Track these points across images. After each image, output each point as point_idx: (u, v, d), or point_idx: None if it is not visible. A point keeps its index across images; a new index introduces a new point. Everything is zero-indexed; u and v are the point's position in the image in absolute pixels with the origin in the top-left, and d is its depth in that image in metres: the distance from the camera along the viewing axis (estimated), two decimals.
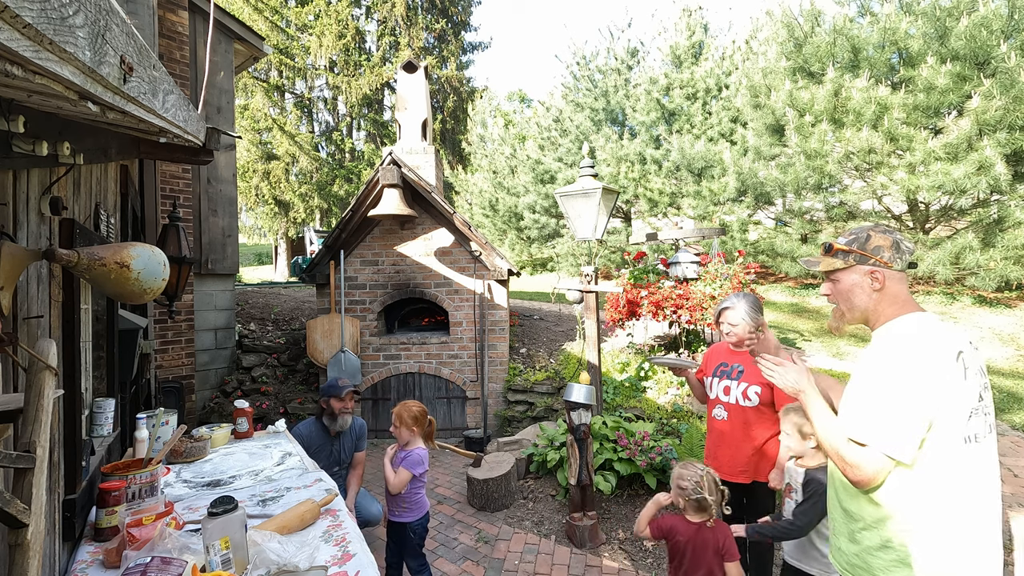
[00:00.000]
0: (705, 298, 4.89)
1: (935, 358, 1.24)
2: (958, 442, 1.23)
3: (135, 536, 1.53)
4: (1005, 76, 6.21)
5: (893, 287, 1.38)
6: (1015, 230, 6.59)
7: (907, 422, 1.23)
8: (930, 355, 1.25)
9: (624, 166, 11.66)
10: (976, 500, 1.24)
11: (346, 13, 15.85)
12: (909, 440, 1.23)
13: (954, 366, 1.23)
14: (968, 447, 1.24)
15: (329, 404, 3.04)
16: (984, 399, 1.28)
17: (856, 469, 1.28)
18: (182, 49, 4.86)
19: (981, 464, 1.25)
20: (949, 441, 1.23)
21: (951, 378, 1.22)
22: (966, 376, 1.24)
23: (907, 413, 1.23)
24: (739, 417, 2.45)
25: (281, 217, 15.64)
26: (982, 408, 1.27)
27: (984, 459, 1.25)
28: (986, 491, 1.25)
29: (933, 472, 1.24)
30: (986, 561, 1.23)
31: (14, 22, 0.46)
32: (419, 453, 2.64)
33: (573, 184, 3.80)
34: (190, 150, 1.65)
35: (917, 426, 1.22)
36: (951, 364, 1.23)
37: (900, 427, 1.23)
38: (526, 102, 31.43)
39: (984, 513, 1.24)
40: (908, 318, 1.35)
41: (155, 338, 4.64)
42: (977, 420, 1.25)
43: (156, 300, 3.63)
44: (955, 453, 1.23)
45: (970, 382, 1.25)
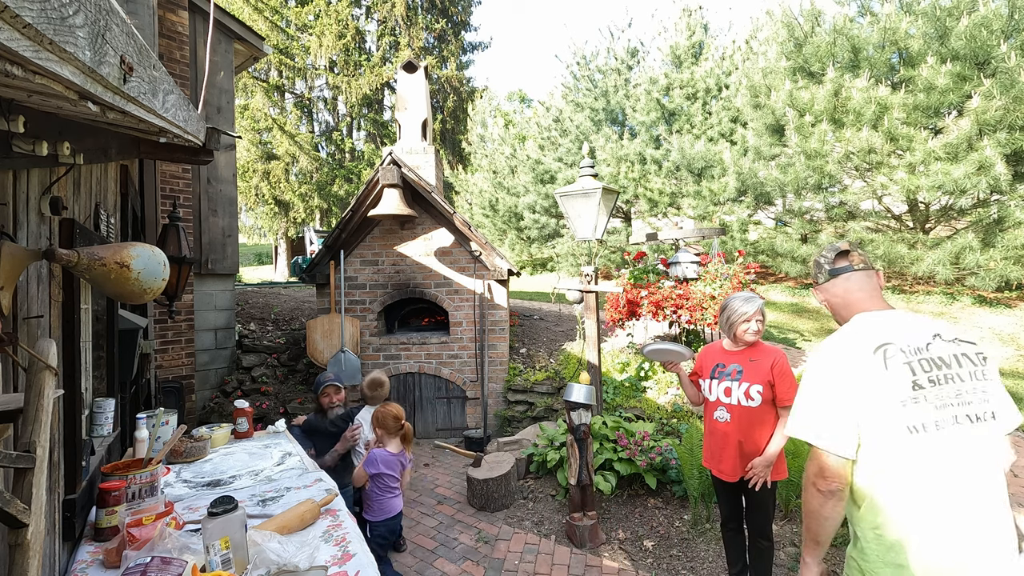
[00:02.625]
0: (705, 298, 4.89)
1: (846, 352, 1.34)
2: (900, 432, 1.25)
3: (135, 536, 1.53)
4: (1005, 76, 6.21)
5: (835, 299, 1.53)
6: (1015, 230, 6.59)
7: (819, 410, 1.33)
8: (841, 350, 1.36)
9: (624, 166, 11.67)
10: (940, 492, 1.22)
11: (346, 13, 15.85)
12: (826, 426, 1.31)
13: (870, 358, 1.30)
14: (916, 437, 1.24)
15: (318, 401, 3.27)
16: (929, 389, 1.26)
17: (807, 469, 1.38)
18: (182, 49, 4.86)
19: (942, 455, 1.23)
20: (887, 432, 1.26)
21: (866, 369, 1.29)
22: (887, 366, 1.28)
23: (818, 402, 1.34)
24: (743, 418, 2.44)
25: (281, 217, 15.64)
26: (927, 397, 1.25)
27: (947, 450, 1.23)
28: (955, 483, 1.22)
29: (876, 464, 1.28)
30: (951, 553, 1.20)
31: (14, 22, 0.46)
32: (375, 453, 2.71)
33: (573, 184, 3.80)
34: (190, 150, 1.65)
35: (831, 412, 1.31)
36: (866, 356, 1.31)
37: (814, 415, 1.34)
38: (526, 102, 31.43)
39: (952, 506, 1.21)
40: (853, 320, 1.45)
41: (155, 338, 4.64)
42: (921, 410, 1.24)
43: (156, 300, 3.63)
44: (898, 444, 1.25)
45: (894, 372, 1.28)
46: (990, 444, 1.27)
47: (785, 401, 2.37)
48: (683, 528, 3.44)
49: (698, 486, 3.51)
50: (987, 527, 1.22)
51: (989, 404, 1.30)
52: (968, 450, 1.24)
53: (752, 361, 2.45)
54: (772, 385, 2.39)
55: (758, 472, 2.37)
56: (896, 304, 8.01)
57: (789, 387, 2.37)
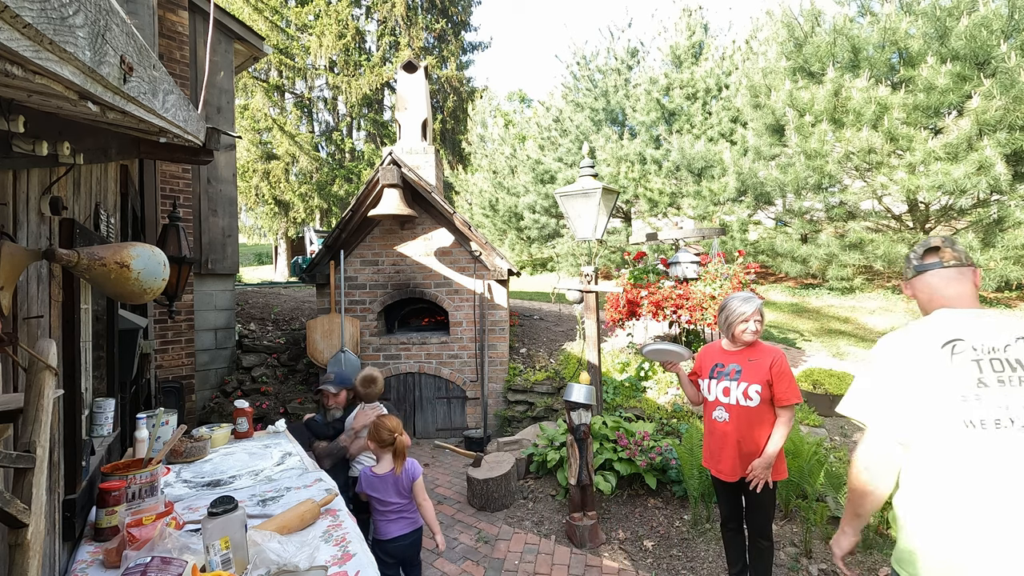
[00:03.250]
0: (705, 298, 4.89)
1: (914, 343, 1.38)
2: (956, 425, 1.26)
3: (135, 536, 1.53)
4: (1005, 76, 6.21)
5: (921, 295, 1.55)
6: (1015, 230, 6.59)
7: (874, 394, 1.39)
8: (909, 341, 1.40)
9: (624, 166, 11.67)
10: (986, 488, 1.22)
11: (346, 13, 15.85)
12: (879, 409, 1.36)
13: (937, 351, 1.34)
14: (971, 432, 1.25)
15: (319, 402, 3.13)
16: (995, 388, 1.26)
17: (856, 452, 1.43)
18: (182, 49, 4.86)
19: (997, 454, 1.23)
20: (942, 424, 1.28)
21: (930, 361, 1.32)
22: (952, 361, 1.31)
23: (874, 386, 1.40)
24: (742, 417, 2.45)
25: (281, 217, 15.64)
26: (992, 396, 1.26)
27: (1004, 450, 1.23)
28: (1007, 483, 1.21)
29: (928, 453, 1.30)
30: (991, 550, 1.20)
31: (14, 22, 0.46)
32: (362, 474, 2.44)
33: (573, 184, 3.80)
34: (190, 150, 1.65)
35: (886, 397, 1.36)
36: (933, 349, 1.34)
37: (869, 398, 1.41)
38: (526, 102, 31.43)
39: (1000, 505, 1.21)
40: (931, 315, 1.47)
41: (155, 338, 4.64)
42: (982, 407, 1.25)
43: (156, 300, 3.63)
44: (953, 436, 1.26)
45: (959, 368, 1.30)
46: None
47: (783, 401, 2.37)
48: (683, 528, 3.44)
49: (698, 486, 3.51)
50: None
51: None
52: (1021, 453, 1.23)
53: (751, 361, 2.45)
54: (771, 385, 2.39)
55: (758, 474, 2.37)
56: (896, 304, 8.00)
57: (788, 387, 2.37)
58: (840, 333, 7.39)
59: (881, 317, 7.69)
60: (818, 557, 3.06)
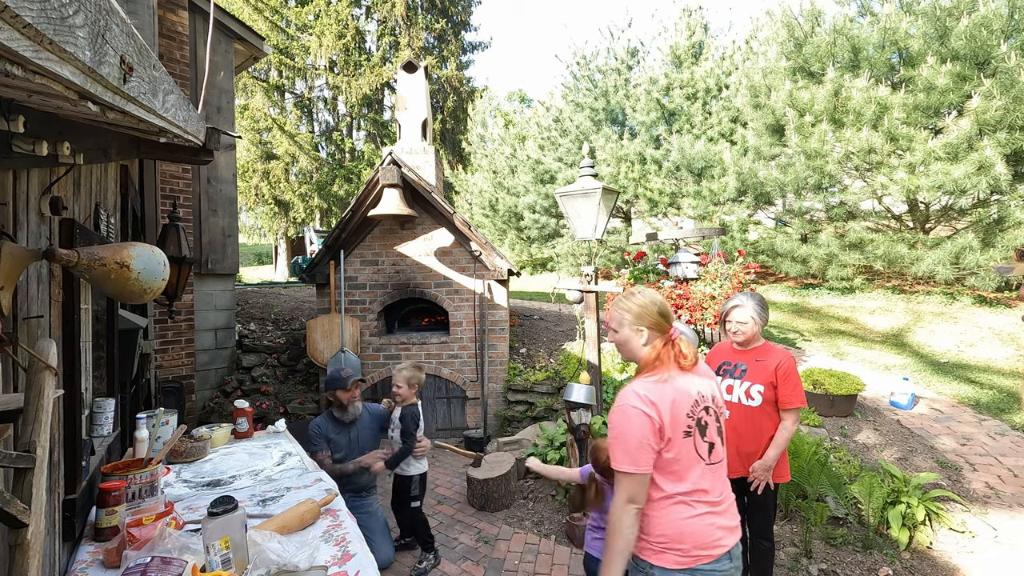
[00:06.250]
0: (705, 298, 4.89)
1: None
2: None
3: (135, 536, 1.53)
4: (1005, 76, 6.21)
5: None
6: (1015, 230, 6.59)
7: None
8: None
9: (624, 166, 11.66)
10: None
11: (346, 13, 15.85)
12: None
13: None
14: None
15: (336, 396, 3.04)
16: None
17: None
18: (182, 49, 4.86)
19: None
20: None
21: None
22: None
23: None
24: (743, 416, 2.45)
25: (281, 217, 15.64)
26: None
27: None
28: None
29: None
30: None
31: (14, 22, 0.46)
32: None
33: (573, 184, 3.80)
34: (190, 150, 1.65)
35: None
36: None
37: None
38: (526, 102, 31.42)
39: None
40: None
41: (155, 338, 4.64)
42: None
43: (156, 300, 3.63)
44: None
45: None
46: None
47: (786, 404, 2.37)
48: None
49: None
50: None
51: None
52: None
53: (758, 361, 2.46)
54: (775, 387, 2.39)
55: (758, 475, 2.38)
56: (896, 304, 8.00)
57: (792, 390, 2.37)
58: (840, 333, 7.39)
59: (881, 317, 7.69)
60: (818, 557, 3.06)
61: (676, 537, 1.48)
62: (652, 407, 1.47)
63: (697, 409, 1.54)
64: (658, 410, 1.47)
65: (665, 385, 1.52)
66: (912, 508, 3.20)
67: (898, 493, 3.31)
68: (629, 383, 1.57)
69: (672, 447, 1.48)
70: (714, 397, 1.63)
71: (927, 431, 4.44)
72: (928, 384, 5.52)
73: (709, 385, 1.63)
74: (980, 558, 2.98)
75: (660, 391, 1.50)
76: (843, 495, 3.41)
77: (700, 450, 1.53)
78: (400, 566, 3.14)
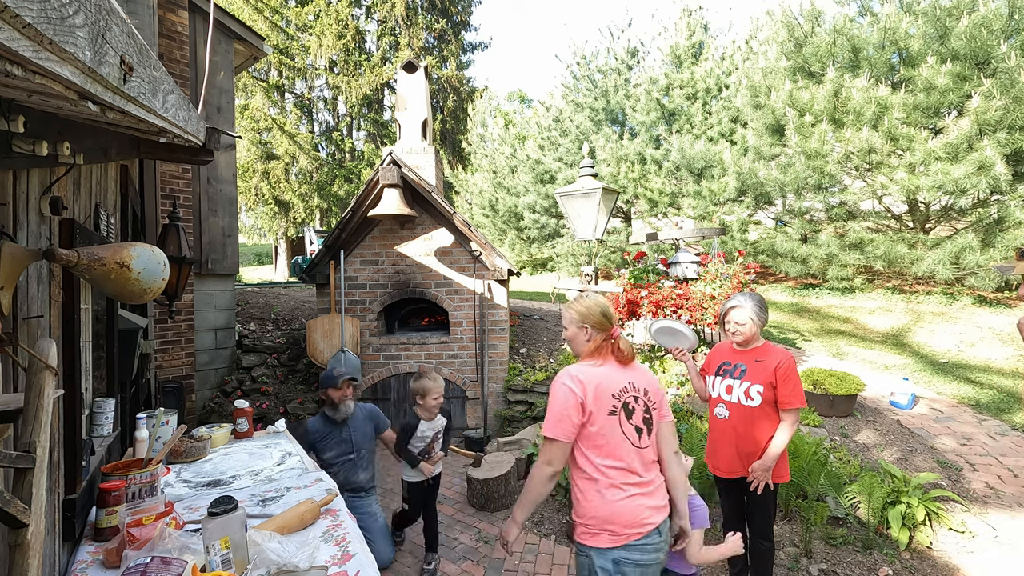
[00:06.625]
0: (705, 298, 4.90)
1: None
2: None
3: (135, 536, 1.53)
4: (1005, 76, 6.21)
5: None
6: (1015, 230, 6.59)
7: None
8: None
9: (624, 166, 11.67)
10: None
11: (346, 13, 15.85)
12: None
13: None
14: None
15: (328, 395, 3.09)
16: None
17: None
18: (182, 49, 4.86)
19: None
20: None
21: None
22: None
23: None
24: (742, 416, 2.45)
25: (281, 217, 15.64)
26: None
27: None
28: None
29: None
30: None
31: (14, 22, 0.46)
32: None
33: (573, 184, 3.81)
34: (190, 150, 1.65)
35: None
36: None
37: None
38: (526, 102, 31.42)
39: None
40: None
41: (155, 338, 4.64)
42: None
43: (156, 300, 3.63)
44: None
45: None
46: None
47: (786, 404, 2.37)
48: None
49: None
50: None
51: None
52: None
53: (758, 362, 2.46)
54: (774, 387, 2.39)
55: (758, 475, 2.38)
56: (896, 304, 8.01)
57: (792, 391, 2.37)
58: (840, 333, 7.38)
59: (881, 317, 7.69)
60: (818, 557, 3.06)
61: (608, 519, 1.65)
62: (578, 384, 1.67)
63: (625, 394, 1.73)
64: (583, 388, 1.67)
65: (596, 369, 1.74)
66: (912, 508, 3.20)
67: (898, 493, 3.31)
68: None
69: (595, 422, 1.67)
70: (647, 392, 1.80)
71: (927, 431, 4.44)
72: (928, 384, 5.52)
73: (646, 382, 1.81)
74: (980, 558, 2.98)
75: (589, 373, 1.72)
76: (843, 495, 3.41)
77: (627, 431, 1.70)
78: (400, 566, 3.14)
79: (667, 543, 1.72)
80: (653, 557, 1.66)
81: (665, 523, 1.71)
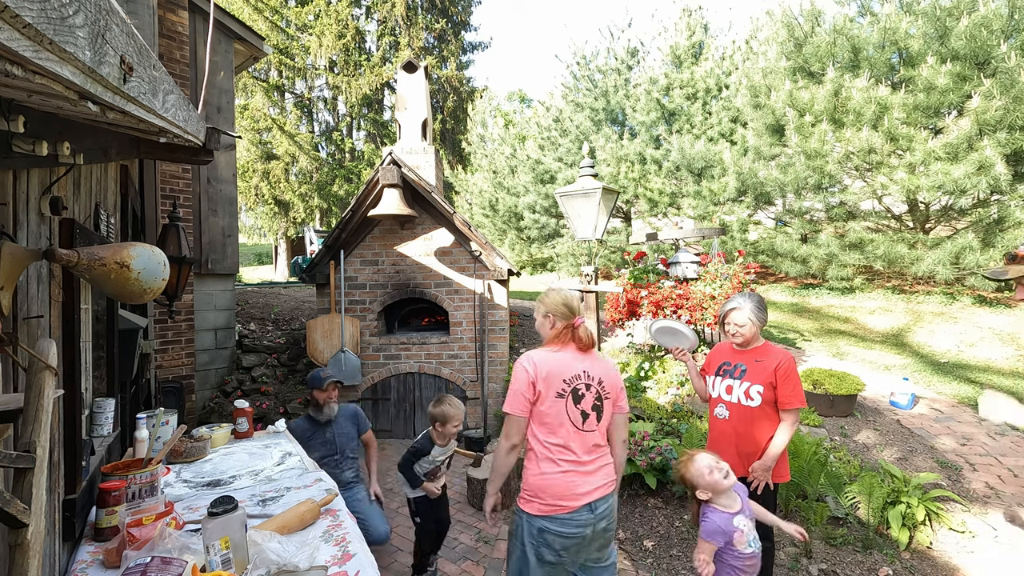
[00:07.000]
0: (705, 298, 4.89)
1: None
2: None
3: (135, 536, 1.53)
4: (1005, 76, 6.21)
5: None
6: (1015, 230, 6.59)
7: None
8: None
9: (624, 166, 11.66)
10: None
11: (346, 13, 15.85)
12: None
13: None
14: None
15: (313, 396, 3.13)
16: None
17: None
18: (182, 49, 4.86)
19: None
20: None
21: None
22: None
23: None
24: (742, 416, 2.45)
25: (281, 217, 15.64)
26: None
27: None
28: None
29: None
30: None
31: (14, 22, 0.46)
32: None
33: (573, 184, 3.80)
34: (190, 150, 1.65)
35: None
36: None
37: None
38: (526, 102, 31.42)
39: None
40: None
41: (155, 338, 4.64)
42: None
43: (156, 300, 3.63)
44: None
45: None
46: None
47: (786, 404, 2.37)
48: (683, 528, 3.44)
49: None
50: None
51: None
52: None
53: (757, 362, 2.46)
54: (774, 387, 2.39)
55: (758, 476, 2.38)
56: (896, 304, 8.00)
57: (791, 391, 2.37)
58: (840, 333, 7.39)
59: (881, 317, 7.69)
60: (818, 557, 3.06)
61: (539, 489, 1.84)
62: (532, 366, 1.86)
63: (577, 381, 1.89)
64: (536, 369, 1.86)
65: (553, 354, 1.91)
66: (912, 508, 3.20)
67: (898, 493, 3.31)
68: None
69: (543, 402, 1.85)
70: (602, 382, 1.94)
71: (927, 431, 4.44)
72: (928, 384, 5.52)
73: (603, 373, 1.95)
74: (980, 558, 2.98)
75: (545, 357, 1.90)
76: (843, 495, 3.41)
77: (571, 414, 1.86)
78: (400, 566, 3.14)
79: (604, 518, 1.85)
80: (578, 531, 1.80)
81: (603, 503, 1.85)
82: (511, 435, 1.89)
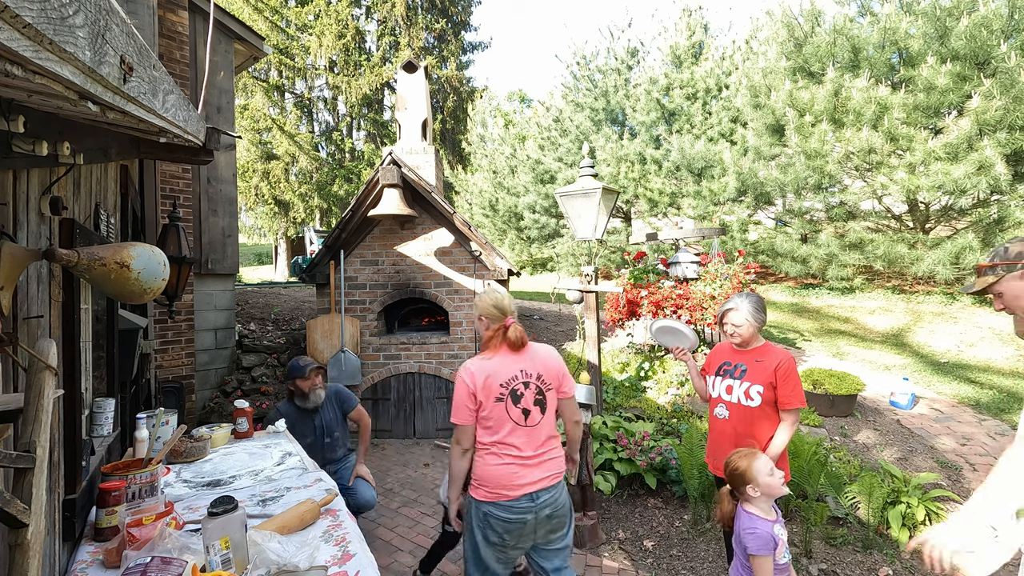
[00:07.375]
0: (705, 298, 4.90)
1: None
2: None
3: (135, 536, 1.53)
4: (1005, 76, 6.21)
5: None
6: (1015, 230, 6.59)
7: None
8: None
9: (624, 166, 11.67)
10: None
11: (346, 13, 15.85)
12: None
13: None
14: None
15: (296, 385, 3.16)
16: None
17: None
18: (182, 49, 4.86)
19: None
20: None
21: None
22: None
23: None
24: (742, 416, 2.45)
25: (281, 217, 15.64)
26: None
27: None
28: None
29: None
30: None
31: (14, 22, 0.46)
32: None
33: (573, 184, 3.80)
34: (190, 150, 1.65)
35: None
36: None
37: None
38: (526, 102, 31.43)
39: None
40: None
41: (155, 338, 4.64)
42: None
43: (156, 300, 3.63)
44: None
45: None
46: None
47: (786, 404, 2.37)
48: (683, 528, 3.44)
49: (698, 486, 3.51)
50: None
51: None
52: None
53: (758, 362, 2.46)
54: (774, 387, 2.39)
55: None
56: (896, 304, 8.00)
57: (791, 391, 2.37)
58: (840, 333, 7.39)
59: (881, 317, 7.69)
60: (818, 557, 3.06)
61: (484, 478, 1.97)
62: (471, 377, 1.96)
63: (514, 382, 1.99)
64: (475, 380, 1.95)
65: (488, 362, 2.00)
66: (912, 508, 3.20)
67: (898, 493, 3.31)
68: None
69: (484, 408, 1.95)
70: (540, 376, 2.03)
71: (927, 431, 4.44)
72: (928, 384, 5.52)
73: (541, 366, 2.04)
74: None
75: (482, 366, 1.98)
76: (843, 495, 3.41)
77: (513, 414, 1.97)
78: (400, 566, 3.14)
79: (549, 506, 1.96)
80: (518, 517, 1.93)
81: (546, 493, 1.97)
82: (461, 441, 1.99)
